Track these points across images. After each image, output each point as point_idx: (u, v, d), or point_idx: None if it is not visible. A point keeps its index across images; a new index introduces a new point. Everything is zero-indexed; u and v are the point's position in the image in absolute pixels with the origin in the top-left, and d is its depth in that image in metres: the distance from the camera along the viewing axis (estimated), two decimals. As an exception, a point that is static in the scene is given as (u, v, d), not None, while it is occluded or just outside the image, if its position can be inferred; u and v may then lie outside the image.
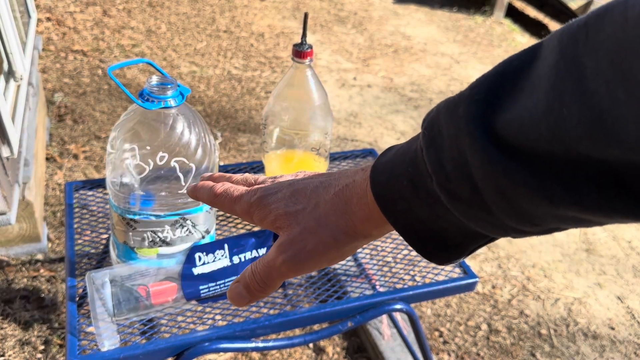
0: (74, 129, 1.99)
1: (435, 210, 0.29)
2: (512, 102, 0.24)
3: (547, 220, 0.25)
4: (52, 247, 1.48)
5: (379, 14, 3.68)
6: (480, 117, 0.25)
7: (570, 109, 0.22)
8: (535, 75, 0.24)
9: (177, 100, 0.63)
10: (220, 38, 2.94)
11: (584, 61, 0.21)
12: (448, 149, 0.27)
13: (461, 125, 0.26)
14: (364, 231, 0.33)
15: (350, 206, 0.33)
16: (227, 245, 0.69)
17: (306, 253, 0.34)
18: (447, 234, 0.30)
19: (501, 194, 0.25)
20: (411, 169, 0.29)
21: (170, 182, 0.64)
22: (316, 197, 0.34)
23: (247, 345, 0.69)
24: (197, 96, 2.35)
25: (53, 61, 2.44)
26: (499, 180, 0.25)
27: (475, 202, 0.26)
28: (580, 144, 0.22)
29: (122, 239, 0.69)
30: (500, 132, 0.24)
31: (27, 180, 1.37)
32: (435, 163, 0.27)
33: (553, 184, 0.23)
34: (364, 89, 2.67)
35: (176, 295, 0.67)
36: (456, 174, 0.26)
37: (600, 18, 0.21)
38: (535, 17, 4.18)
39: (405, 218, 0.30)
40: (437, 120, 0.28)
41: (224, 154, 2.00)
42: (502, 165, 0.24)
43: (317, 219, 0.33)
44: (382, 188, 0.31)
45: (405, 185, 0.30)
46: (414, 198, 0.29)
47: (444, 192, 0.27)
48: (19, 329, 1.26)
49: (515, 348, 1.41)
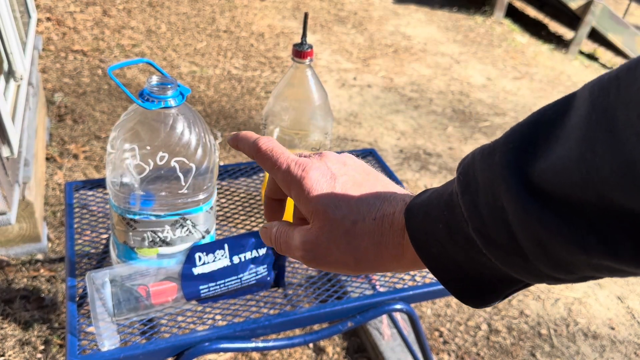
0: (74, 129, 1.99)
1: (471, 254, 0.29)
2: (546, 150, 0.25)
3: (581, 269, 0.25)
4: (52, 247, 1.48)
5: (379, 14, 3.68)
6: (515, 165, 0.26)
7: (603, 158, 0.22)
8: (569, 124, 0.24)
9: (177, 100, 0.63)
10: (220, 38, 2.94)
11: (615, 113, 0.22)
12: (483, 194, 0.27)
13: (496, 172, 0.26)
14: (390, 266, 0.34)
15: (385, 238, 0.33)
16: (227, 245, 0.69)
17: (325, 262, 0.34)
18: (483, 277, 0.30)
19: (537, 241, 0.25)
20: (447, 212, 0.30)
21: (170, 182, 0.64)
22: (357, 213, 0.34)
23: (247, 345, 0.69)
24: (197, 96, 2.35)
25: (53, 61, 2.44)
26: (534, 227, 0.25)
27: (512, 248, 0.27)
28: (614, 193, 0.22)
29: (122, 239, 0.69)
30: (534, 179, 0.25)
31: (27, 180, 1.37)
32: (471, 208, 0.28)
33: (587, 233, 0.24)
34: (364, 88, 2.67)
35: (176, 295, 0.67)
36: (492, 219, 0.27)
37: (631, 72, 0.22)
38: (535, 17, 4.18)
39: (441, 261, 0.31)
40: (472, 166, 0.28)
41: (224, 153, 2.00)
42: (537, 213, 0.25)
43: (350, 237, 0.34)
44: (417, 230, 0.31)
45: (440, 229, 0.30)
46: (449, 241, 0.30)
47: (480, 237, 0.28)
48: (19, 329, 1.26)
49: (515, 348, 1.41)
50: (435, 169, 2.12)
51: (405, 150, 2.22)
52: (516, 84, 2.99)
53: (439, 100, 2.67)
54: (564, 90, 3.03)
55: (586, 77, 3.28)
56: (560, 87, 3.06)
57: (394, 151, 2.20)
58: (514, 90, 2.91)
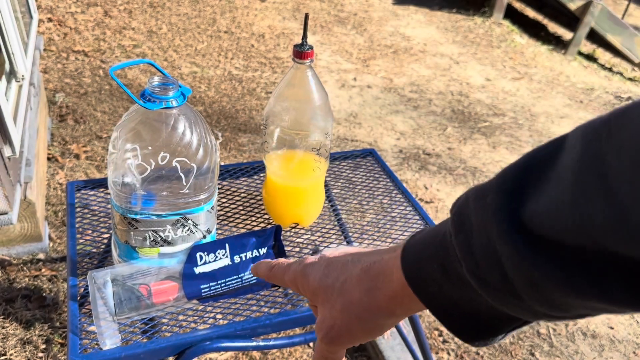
0: (75, 129, 2.00)
1: (467, 293, 0.29)
2: (539, 192, 0.25)
3: (577, 309, 0.26)
4: (54, 247, 1.48)
5: (379, 15, 3.68)
6: (508, 207, 0.26)
7: (596, 205, 0.22)
8: (561, 166, 0.24)
9: (179, 100, 0.63)
10: (221, 39, 2.95)
11: (607, 158, 0.22)
12: (477, 236, 0.27)
13: (489, 214, 0.26)
14: (388, 309, 0.34)
15: (376, 283, 0.34)
16: (228, 245, 0.69)
17: (336, 331, 0.36)
18: (480, 316, 0.30)
19: (531, 283, 0.25)
20: (441, 252, 0.30)
21: (171, 182, 0.65)
22: (345, 271, 0.36)
23: (247, 344, 0.69)
24: (198, 96, 2.35)
25: (54, 61, 2.44)
26: (527, 271, 0.25)
27: (506, 290, 0.27)
28: (607, 240, 0.22)
29: (124, 239, 0.70)
30: (527, 222, 0.25)
31: (28, 180, 1.38)
32: (464, 249, 0.28)
33: (581, 278, 0.24)
34: (363, 89, 2.68)
35: (177, 294, 0.67)
36: (486, 261, 0.27)
37: (622, 117, 0.22)
38: (534, 18, 4.19)
39: (438, 300, 0.31)
40: (466, 208, 0.28)
41: (224, 154, 2.00)
42: (530, 256, 0.25)
43: (344, 295, 0.35)
44: (412, 270, 0.32)
45: (435, 269, 0.30)
46: (445, 281, 0.30)
47: (474, 278, 0.28)
48: (21, 328, 1.26)
49: (514, 347, 1.41)
50: (435, 169, 2.13)
51: (404, 150, 2.22)
52: (515, 84, 2.99)
53: (439, 100, 2.68)
54: (563, 90, 3.03)
55: (585, 77, 3.29)
56: (559, 87, 3.06)
57: (393, 151, 2.20)
58: (513, 91, 2.91)
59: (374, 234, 0.88)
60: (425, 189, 2.00)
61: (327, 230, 0.89)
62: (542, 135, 2.51)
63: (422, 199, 1.95)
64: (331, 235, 0.88)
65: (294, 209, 0.86)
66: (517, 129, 2.53)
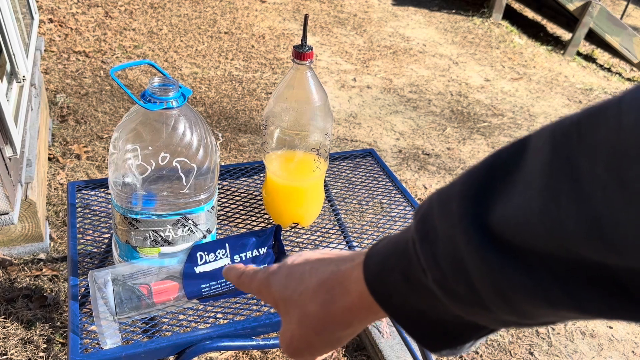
0: (76, 129, 2.00)
1: (433, 303, 0.28)
2: (505, 197, 0.24)
3: (548, 317, 0.25)
4: (55, 247, 1.49)
5: (378, 16, 3.69)
6: (473, 214, 0.25)
7: (567, 211, 0.21)
8: (528, 169, 0.23)
9: (179, 101, 0.64)
10: (221, 39, 2.95)
11: (578, 162, 0.21)
12: (442, 245, 0.26)
13: (454, 222, 0.25)
14: (344, 322, 0.33)
15: (332, 295, 0.33)
16: (228, 245, 0.70)
17: (295, 343, 0.36)
18: (447, 325, 0.29)
19: (499, 293, 0.24)
20: (404, 262, 0.29)
21: (172, 182, 0.65)
22: (303, 283, 0.35)
23: (248, 344, 0.70)
24: (199, 97, 2.36)
25: (55, 62, 2.45)
26: (495, 280, 0.24)
27: (473, 300, 0.26)
28: (579, 247, 0.21)
29: (125, 239, 0.70)
30: (495, 229, 0.24)
31: (29, 180, 1.38)
32: (429, 259, 0.27)
33: (552, 286, 0.23)
34: (363, 90, 2.68)
35: (178, 293, 0.68)
36: (452, 271, 0.26)
37: (593, 118, 0.21)
38: (533, 19, 4.19)
39: (403, 311, 0.30)
40: (431, 214, 0.27)
41: (225, 154, 2.01)
42: (498, 265, 0.24)
43: (300, 308, 0.35)
44: (375, 281, 0.31)
45: (398, 279, 0.29)
46: (409, 291, 0.29)
47: (440, 289, 0.27)
48: (22, 327, 1.27)
49: (513, 346, 1.42)
50: (434, 169, 2.13)
51: (404, 150, 2.23)
52: (514, 85, 3.00)
53: (438, 101, 2.69)
54: (562, 91, 3.04)
55: (584, 78, 3.29)
56: (558, 88, 3.07)
57: (393, 151, 2.21)
58: (512, 91, 2.92)
59: (373, 234, 0.89)
60: (425, 189, 2.00)
61: (327, 230, 0.89)
62: (541, 136, 2.52)
63: (422, 199, 1.95)
64: (331, 235, 0.88)
65: (293, 209, 0.87)
66: (516, 129, 2.54)
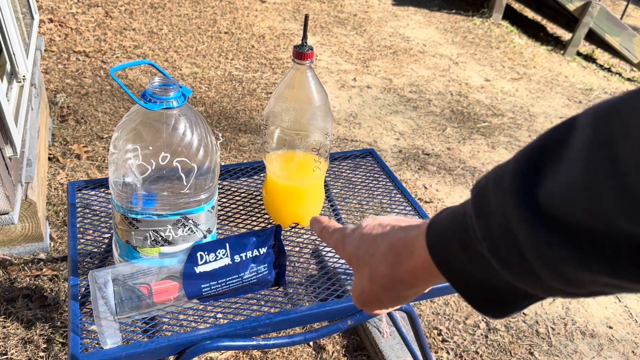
0: (76, 129, 2.00)
1: (488, 270, 0.31)
2: (553, 174, 0.26)
3: (591, 285, 0.27)
4: (55, 247, 1.49)
5: (378, 16, 3.69)
6: (524, 189, 0.27)
7: (606, 187, 0.23)
8: (573, 148, 0.25)
9: (179, 101, 0.64)
10: (222, 39, 2.95)
11: (617, 141, 0.23)
12: (495, 217, 0.29)
13: (506, 197, 0.28)
14: (409, 282, 0.38)
15: (399, 258, 0.38)
16: (228, 244, 0.70)
17: (365, 297, 0.41)
18: (500, 291, 0.32)
19: (546, 262, 0.27)
20: (463, 233, 0.32)
21: (172, 182, 0.65)
22: (375, 246, 0.40)
23: (248, 343, 0.70)
24: (199, 97, 2.36)
25: (55, 62, 2.45)
26: (543, 251, 0.26)
27: (523, 268, 0.28)
28: (619, 220, 0.23)
29: (125, 238, 0.70)
30: (542, 203, 0.26)
31: (29, 180, 1.38)
32: (484, 230, 0.30)
33: (594, 257, 0.25)
34: (363, 90, 2.68)
35: (178, 293, 0.68)
36: (504, 242, 0.28)
37: (631, 101, 0.23)
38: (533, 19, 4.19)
39: (460, 276, 0.33)
40: (485, 190, 0.30)
41: (225, 154, 2.01)
42: (545, 236, 0.26)
43: (371, 267, 0.40)
44: (436, 248, 0.34)
45: (457, 248, 0.32)
46: (466, 259, 0.32)
47: (494, 257, 0.30)
48: (22, 327, 1.27)
49: (513, 346, 1.42)
50: (434, 169, 2.13)
51: (404, 150, 2.23)
52: (514, 85, 3.00)
53: (438, 101, 2.69)
54: (562, 91, 3.04)
55: (584, 78, 3.29)
56: (558, 88, 3.07)
57: (393, 151, 2.21)
58: (512, 91, 2.92)
59: (373, 234, 0.89)
60: (425, 189, 2.00)
61: (327, 230, 0.89)
62: (541, 136, 2.52)
63: (422, 198, 1.95)
64: (331, 235, 0.88)
65: (294, 209, 0.87)
66: (516, 129, 2.54)
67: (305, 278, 0.80)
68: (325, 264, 0.83)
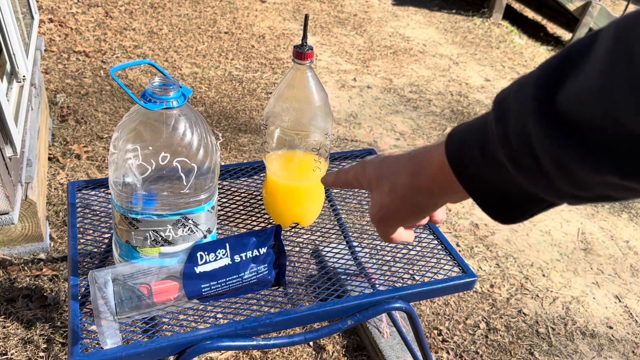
0: (76, 129, 2.00)
1: (503, 175, 0.33)
2: (572, 81, 0.28)
3: (600, 188, 0.29)
4: (55, 247, 1.49)
5: (379, 16, 3.69)
6: (543, 95, 0.29)
7: (621, 89, 0.25)
8: (593, 56, 0.27)
9: (179, 101, 0.64)
10: (222, 39, 2.95)
11: (634, 48, 0.24)
12: (514, 123, 0.31)
13: (527, 103, 0.30)
14: (428, 189, 0.40)
15: (419, 167, 0.40)
16: (228, 245, 0.70)
17: (384, 210, 0.43)
18: (512, 196, 0.34)
19: (557, 163, 0.29)
20: (482, 139, 0.34)
21: (172, 182, 0.65)
22: (396, 162, 0.43)
23: (248, 343, 0.70)
24: (199, 97, 2.36)
25: (55, 62, 2.45)
26: (556, 152, 0.28)
27: (536, 171, 0.30)
28: (629, 121, 0.25)
29: (125, 238, 0.70)
30: (559, 108, 0.28)
31: (29, 180, 1.38)
32: (502, 135, 0.31)
33: (602, 157, 0.27)
34: (363, 90, 2.68)
35: (178, 293, 0.68)
36: (520, 145, 0.30)
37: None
38: (533, 19, 4.19)
39: (475, 181, 0.35)
40: (507, 97, 0.32)
41: (225, 154, 2.01)
42: (559, 139, 0.28)
43: (392, 179, 0.42)
44: (455, 154, 0.36)
45: (476, 154, 0.34)
46: (483, 164, 0.34)
47: (510, 161, 0.32)
48: (22, 327, 1.27)
49: (513, 346, 1.42)
50: (435, 169, 2.13)
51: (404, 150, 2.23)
52: (515, 85, 3.00)
53: (438, 101, 2.69)
54: (563, 91, 3.04)
55: (585, 78, 3.29)
56: (560, 88, 3.07)
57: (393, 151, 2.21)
58: (513, 91, 2.92)
59: (373, 234, 0.89)
60: (425, 189, 2.00)
61: (327, 230, 0.89)
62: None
63: (422, 199, 1.95)
64: (331, 234, 0.88)
65: (294, 209, 0.87)
66: (516, 129, 2.54)
67: (305, 278, 0.80)
68: (325, 264, 0.83)
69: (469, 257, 1.69)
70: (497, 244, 1.78)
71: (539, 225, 1.90)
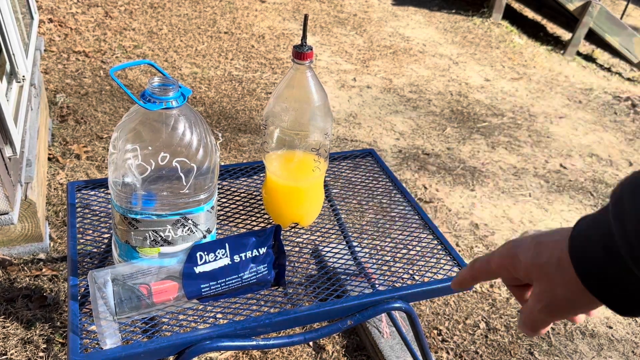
0: (76, 129, 2.00)
1: (625, 271, 0.35)
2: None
3: None
4: (55, 247, 1.49)
5: (378, 16, 3.69)
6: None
7: None
8: None
9: (179, 101, 0.64)
10: (221, 39, 2.95)
11: None
12: (629, 224, 0.33)
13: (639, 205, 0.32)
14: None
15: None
16: (228, 245, 0.70)
17: (557, 302, 0.40)
18: (634, 291, 0.35)
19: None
20: (606, 237, 0.35)
21: (171, 182, 0.65)
22: (558, 251, 0.40)
23: (247, 344, 0.70)
24: (198, 97, 2.36)
25: (55, 62, 2.45)
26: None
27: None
28: None
29: (124, 238, 0.70)
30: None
31: (29, 180, 1.38)
32: (622, 237, 0.34)
33: None
34: (363, 89, 2.68)
35: (177, 294, 0.68)
36: (637, 243, 0.32)
37: None
38: (533, 19, 4.20)
39: (600, 280, 0.36)
40: (622, 199, 0.34)
41: (225, 154, 2.01)
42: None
43: (562, 271, 0.40)
44: (578, 253, 0.37)
45: (599, 251, 0.36)
46: (607, 262, 0.35)
47: (631, 259, 0.33)
48: (21, 327, 1.27)
49: (513, 346, 1.42)
50: (434, 169, 2.13)
51: (404, 150, 2.23)
52: (514, 84, 3.00)
53: (438, 101, 2.69)
54: (562, 91, 3.04)
55: (584, 78, 3.29)
56: (558, 87, 3.07)
57: (393, 151, 2.21)
58: (512, 91, 2.92)
59: (373, 234, 0.89)
60: (425, 189, 2.00)
61: (327, 230, 0.89)
62: (540, 136, 2.51)
63: (422, 198, 1.95)
64: (331, 235, 0.88)
65: (293, 209, 0.87)
66: (515, 129, 2.54)
67: (305, 278, 0.80)
68: (324, 264, 0.83)
69: (469, 257, 1.69)
70: (497, 244, 1.78)
71: (539, 225, 1.90)
